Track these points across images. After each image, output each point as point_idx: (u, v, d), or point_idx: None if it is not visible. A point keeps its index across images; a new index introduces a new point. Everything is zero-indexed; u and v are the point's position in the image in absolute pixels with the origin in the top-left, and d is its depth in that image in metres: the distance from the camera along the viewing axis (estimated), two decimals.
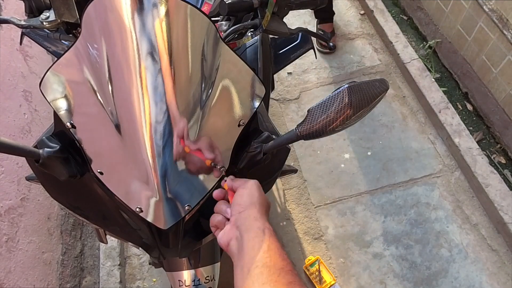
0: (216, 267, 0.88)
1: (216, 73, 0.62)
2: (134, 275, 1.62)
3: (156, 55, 0.54)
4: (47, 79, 0.60)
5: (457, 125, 1.80)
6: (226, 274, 1.52)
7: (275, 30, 0.72)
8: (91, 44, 0.55)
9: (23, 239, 1.33)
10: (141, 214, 0.68)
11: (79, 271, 1.61)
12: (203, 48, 0.59)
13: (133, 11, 0.52)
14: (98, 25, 0.54)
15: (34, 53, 1.72)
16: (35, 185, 1.43)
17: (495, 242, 1.57)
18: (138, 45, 0.54)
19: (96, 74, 0.58)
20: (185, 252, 0.77)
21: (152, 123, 0.58)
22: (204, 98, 0.62)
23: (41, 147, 0.61)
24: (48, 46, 0.99)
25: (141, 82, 0.55)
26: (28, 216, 1.39)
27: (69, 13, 0.61)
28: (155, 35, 0.53)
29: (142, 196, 0.66)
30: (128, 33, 0.53)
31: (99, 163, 0.65)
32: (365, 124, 1.93)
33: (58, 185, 0.69)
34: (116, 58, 0.55)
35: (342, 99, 0.52)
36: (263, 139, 0.67)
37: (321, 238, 1.65)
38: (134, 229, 0.75)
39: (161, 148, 0.60)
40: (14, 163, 1.36)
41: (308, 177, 1.80)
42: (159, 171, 0.62)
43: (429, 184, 1.74)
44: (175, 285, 0.84)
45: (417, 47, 2.18)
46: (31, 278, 1.32)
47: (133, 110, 0.57)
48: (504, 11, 1.62)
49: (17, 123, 1.46)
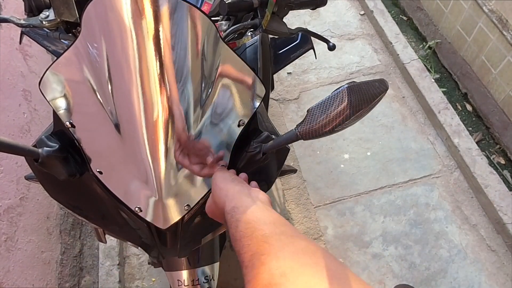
0: (215, 267, 0.88)
1: (216, 73, 0.62)
2: (133, 275, 1.61)
3: (156, 55, 0.54)
4: (46, 78, 0.59)
5: (457, 126, 1.80)
6: (226, 274, 1.52)
7: (275, 30, 0.72)
8: (91, 43, 0.55)
9: (22, 238, 1.33)
10: (141, 213, 0.68)
11: (78, 270, 1.60)
12: (203, 48, 0.58)
13: (133, 11, 0.52)
14: (98, 25, 0.54)
15: (34, 52, 1.72)
16: (34, 185, 1.43)
17: (494, 242, 1.57)
18: (138, 45, 0.53)
19: (96, 73, 0.58)
20: (184, 252, 0.77)
21: (151, 123, 0.58)
22: (204, 98, 0.62)
23: (40, 146, 0.60)
24: (47, 45, 0.99)
25: (141, 82, 0.55)
26: (27, 215, 1.39)
27: (69, 12, 0.61)
28: (155, 34, 0.53)
29: (142, 196, 0.66)
30: (128, 32, 0.53)
31: (99, 163, 0.65)
32: (364, 125, 1.93)
33: (57, 185, 0.69)
34: (116, 57, 0.55)
35: (341, 99, 0.52)
36: (262, 139, 0.67)
37: (321, 238, 1.65)
38: (133, 229, 0.75)
39: (161, 147, 0.60)
40: (13, 163, 1.36)
41: (307, 177, 1.80)
42: (158, 170, 0.62)
43: (428, 185, 1.74)
44: (174, 284, 0.84)
45: (417, 48, 2.18)
46: (30, 278, 1.32)
47: (132, 109, 0.57)
48: (503, 12, 1.62)
49: (17, 122, 1.46)
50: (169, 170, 0.63)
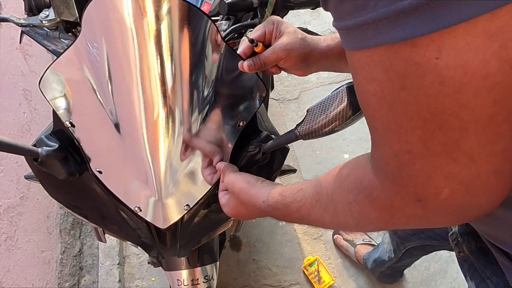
0: (215, 267, 0.88)
1: (216, 73, 0.62)
2: (133, 274, 1.62)
3: (156, 55, 0.54)
4: (46, 77, 0.59)
5: None
6: (225, 273, 1.52)
7: None
8: (91, 43, 0.55)
9: (22, 238, 1.33)
10: (140, 213, 0.68)
11: (78, 270, 1.60)
12: (204, 48, 0.58)
13: (134, 10, 0.52)
14: (99, 24, 0.54)
15: (34, 52, 1.72)
16: (34, 184, 1.42)
17: None
18: (139, 44, 0.54)
19: (96, 73, 0.58)
20: (184, 252, 0.77)
21: (151, 122, 0.58)
22: (204, 98, 0.62)
23: (40, 145, 0.61)
24: (47, 44, 0.99)
25: (141, 81, 0.55)
26: (27, 215, 1.39)
27: (69, 12, 0.61)
28: (156, 34, 0.53)
29: (141, 196, 0.66)
30: (128, 32, 0.53)
31: (98, 162, 0.65)
32: (364, 125, 1.90)
33: (57, 184, 0.69)
34: (116, 57, 0.55)
35: (341, 99, 0.52)
36: (262, 138, 0.67)
37: (320, 238, 1.65)
38: (133, 228, 0.75)
39: (161, 147, 0.60)
40: (13, 162, 1.36)
41: (307, 177, 1.80)
42: (158, 170, 0.62)
43: None
44: (173, 284, 0.84)
45: None
46: (30, 277, 1.32)
47: (133, 109, 0.57)
48: None
49: (17, 122, 1.46)
50: (169, 170, 0.63)
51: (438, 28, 0.22)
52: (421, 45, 0.23)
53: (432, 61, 0.23)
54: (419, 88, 0.25)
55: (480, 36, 0.22)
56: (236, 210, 0.59)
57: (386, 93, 0.27)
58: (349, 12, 0.26)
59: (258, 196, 0.54)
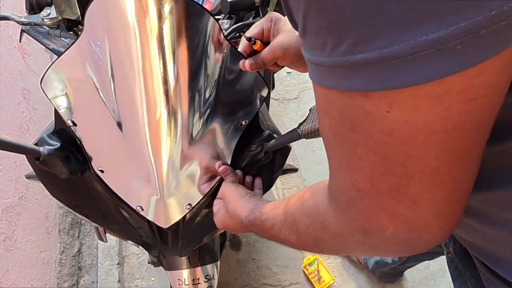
0: (215, 266, 0.88)
1: (219, 72, 0.61)
2: (132, 274, 1.61)
3: (159, 53, 0.54)
4: (48, 76, 0.59)
5: None
6: (226, 273, 1.52)
7: None
8: (94, 41, 0.55)
9: (21, 238, 1.32)
10: (142, 212, 0.68)
11: (77, 270, 1.60)
12: (206, 47, 0.58)
13: (137, 9, 0.51)
14: (101, 23, 0.54)
15: (33, 51, 1.71)
16: (33, 184, 1.42)
17: None
18: (141, 43, 0.53)
19: (98, 71, 0.57)
20: (185, 251, 0.77)
21: (154, 121, 0.58)
22: (206, 97, 0.62)
23: (41, 144, 0.60)
24: (47, 43, 0.98)
25: (144, 80, 0.55)
26: (26, 214, 1.38)
27: (70, 10, 0.61)
28: (159, 33, 0.53)
29: (143, 195, 0.66)
30: (131, 31, 0.53)
31: (100, 161, 0.65)
32: None
33: (58, 183, 0.69)
34: (119, 55, 0.55)
35: None
36: (264, 138, 0.67)
37: None
38: (134, 228, 0.74)
39: (163, 146, 0.60)
40: (12, 162, 1.35)
41: (307, 177, 1.80)
42: (160, 169, 0.62)
43: None
44: (174, 284, 0.84)
45: None
46: (28, 277, 1.31)
47: (135, 108, 0.57)
48: None
49: (15, 121, 1.45)
50: (171, 169, 0.62)
51: (388, 87, 0.23)
52: (373, 97, 0.24)
53: (383, 113, 0.24)
54: (368, 134, 0.26)
55: (426, 98, 0.23)
56: (224, 221, 0.61)
57: (340, 131, 0.28)
58: (309, 48, 0.27)
59: (242, 210, 0.55)
